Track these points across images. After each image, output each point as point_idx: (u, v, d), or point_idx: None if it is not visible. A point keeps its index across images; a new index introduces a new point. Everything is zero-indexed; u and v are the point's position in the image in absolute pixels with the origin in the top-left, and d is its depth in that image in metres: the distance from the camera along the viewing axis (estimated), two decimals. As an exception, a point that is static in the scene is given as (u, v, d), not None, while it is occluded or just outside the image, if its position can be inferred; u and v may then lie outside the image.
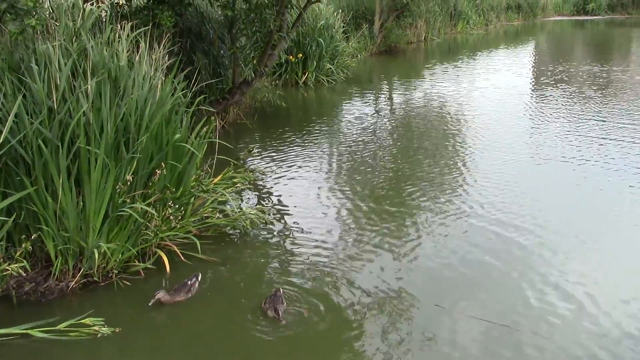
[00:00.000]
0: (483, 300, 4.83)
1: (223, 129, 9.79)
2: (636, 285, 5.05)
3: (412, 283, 5.09)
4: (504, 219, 6.39)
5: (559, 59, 21.21)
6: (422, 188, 7.37)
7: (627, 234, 6.09)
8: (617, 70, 18.27)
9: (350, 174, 8.11)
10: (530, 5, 38.98)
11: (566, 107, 12.31)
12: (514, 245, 5.78)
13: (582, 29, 36.22)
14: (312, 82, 14.39)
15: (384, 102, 13.78)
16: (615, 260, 5.50)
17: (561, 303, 4.73)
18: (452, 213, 6.57)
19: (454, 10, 28.82)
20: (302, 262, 5.48)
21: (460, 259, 5.55)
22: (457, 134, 10.20)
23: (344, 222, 6.40)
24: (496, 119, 11.17)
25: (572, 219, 6.46)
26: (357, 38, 19.23)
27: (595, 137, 9.59)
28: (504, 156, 8.72)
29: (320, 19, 14.60)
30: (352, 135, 10.10)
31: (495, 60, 21.13)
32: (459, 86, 15.03)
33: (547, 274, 5.20)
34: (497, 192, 7.20)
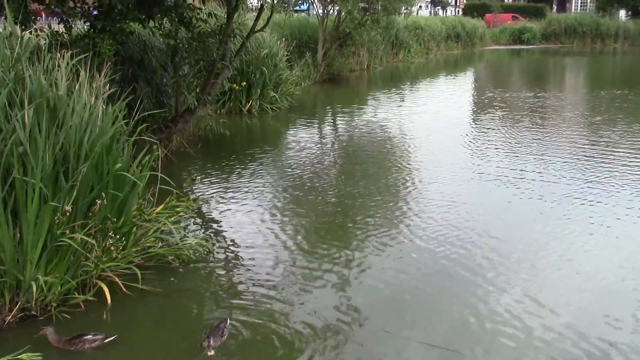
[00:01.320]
0: (428, 324, 4.89)
1: (166, 157, 9.69)
2: (575, 301, 5.19)
3: (359, 310, 5.10)
4: (448, 241, 6.50)
5: (497, 86, 21.90)
6: (367, 214, 7.44)
7: (565, 251, 6.27)
8: (551, 96, 18.97)
9: (295, 201, 8.13)
10: (469, 35, 40.15)
11: (504, 131, 12.78)
12: (458, 267, 5.88)
13: (519, 57, 37.53)
14: (256, 110, 14.41)
15: (328, 129, 13.92)
16: (555, 278, 5.65)
17: (505, 324, 4.82)
18: (396, 237, 6.65)
19: (396, 39, 29.45)
20: (247, 291, 5.44)
21: (405, 283, 5.60)
22: (400, 160, 10.37)
23: (289, 251, 6.39)
24: (438, 143, 11.44)
25: (515, 239, 6.62)
26: (300, 66, 19.41)
27: (533, 157, 9.92)
28: (447, 180, 8.91)
29: (263, 48, 14.69)
30: (297, 163, 10.14)
31: (436, 87, 21.69)
32: (402, 113, 15.34)
33: (490, 294, 5.30)
34: (441, 214, 7.34)
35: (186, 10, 9.12)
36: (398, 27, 28.55)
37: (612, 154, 10.50)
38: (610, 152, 10.64)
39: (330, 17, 22.02)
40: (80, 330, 4.54)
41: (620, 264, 5.99)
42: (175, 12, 8.98)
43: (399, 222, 7.18)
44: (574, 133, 12.74)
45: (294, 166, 9.89)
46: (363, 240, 6.61)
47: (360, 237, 6.72)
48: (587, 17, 48.04)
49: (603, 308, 5.11)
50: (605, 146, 11.11)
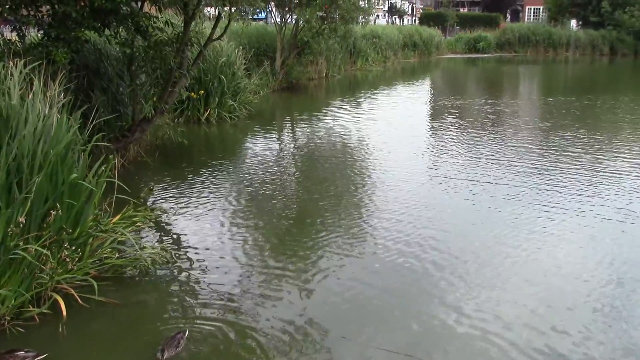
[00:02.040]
0: (387, 330, 4.93)
1: (123, 167, 9.60)
2: (533, 308, 5.31)
3: (319, 317, 5.12)
4: (405, 248, 6.58)
5: (454, 94, 22.28)
6: (326, 223, 7.47)
7: (523, 255, 6.40)
8: (505, 103, 19.38)
9: (255, 209, 8.11)
10: (426, 44, 40.68)
11: (459, 137, 13.02)
12: (416, 273, 5.96)
13: (474, 66, 38.17)
14: (215, 119, 14.35)
15: (287, 137, 13.94)
16: (513, 282, 5.77)
17: (461, 329, 4.90)
18: (354, 245, 6.71)
19: (354, 48, 29.67)
20: (206, 301, 5.41)
21: (364, 290, 5.64)
22: (358, 167, 10.46)
23: (249, 259, 6.37)
24: (395, 150, 11.57)
25: (472, 244, 6.73)
26: (259, 75, 19.40)
27: (486, 162, 10.11)
28: (406, 186, 9.03)
29: (221, 56, 14.65)
30: (256, 171, 10.12)
31: (394, 95, 21.93)
32: (360, 120, 15.48)
33: (447, 301, 5.38)
34: (398, 221, 7.42)
35: (142, 18, 9.05)
36: (356, 35, 28.77)
37: (560, 159, 10.76)
38: (559, 157, 10.91)
39: (288, 26, 22.10)
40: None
41: (569, 269, 6.15)
42: (131, 20, 8.91)
43: (357, 229, 7.24)
44: (524, 138, 13.04)
45: (253, 174, 9.87)
46: (322, 248, 6.63)
47: (320, 244, 6.75)
48: (539, 27, 49.18)
49: (552, 312, 5.24)
50: (554, 152, 11.38)
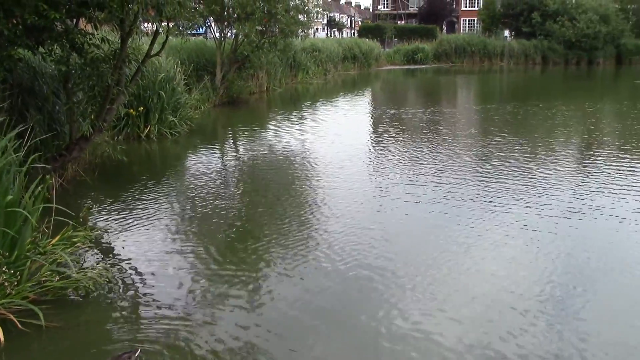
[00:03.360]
0: (335, 342, 4.97)
1: (61, 186, 9.38)
2: (479, 322, 5.44)
3: (267, 331, 5.12)
4: (352, 261, 6.63)
5: (394, 105, 22.65)
6: (271, 237, 7.47)
7: (470, 269, 6.54)
8: (444, 111, 19.83)
9: (197, 227, 8.05)
10: (365, 56, 41.27)
11: (402, 147, 13.27)
12: (362, 286, 6.01)
13: (413, 77, 38.92)
14: (155, 135, 14.18)
15: (230, 153, 13.90)
16: (451, 291, 5.89)
17: (411, 339, 4.98)
18: (301, 259, 6.72)
19: (294, 62, 29.84)
20: (152, 320, 5.33)
21: (311, 303, 5.67)
22: (302, 181, 10.52)
23: (193, 276, 6.32)
24: (338, 163, 11.66)
25: (419, 259, 6.80)
26: (199, 90, 19.30)
27: (433, 176, 10.30)
28: (350, 199, 9.09)
29: (160, 72, 14.51)
30: (198, 188, 10.05)
31: (335, 107, 22.15)
32: (303, 133, 15.57)
33: (395, 312, 5.46)
34: (344, 234, 7.48)
35: (77, 35, 8.90)
36: (296, 49, 28.99)
37: (498, 166, 11.08)
38: (497, 164, 11.24)
39: (228, 41, 22.07)
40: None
41: (508, 276, 6.33)
42: (66, 37, 8.75)
43: (304, 243, 7.25)
44: (463, 147, 13.38)
45: (195, 191, 9.79)
46: (268, 264, 6.64)
47: (265, 260, 6.75)
48: (474, 38, 50.67)
49: (496, 319, 5.38)
50: (493, 159, 11.72)
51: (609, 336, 5.02)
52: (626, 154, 12.36)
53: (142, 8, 8.28)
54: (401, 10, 75.09)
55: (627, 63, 47.62)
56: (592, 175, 10.48)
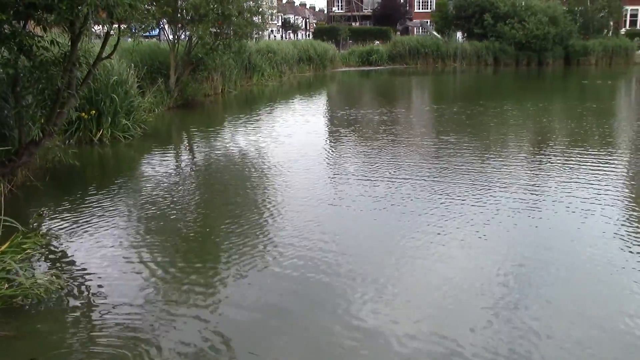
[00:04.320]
0: (293, 345, 4.98)
1: (11, 192, 9.17)
2: (429, 320, 5.52)
3: (225, 336, 5.10)
4: (308, 264, 6.63)
5: (350, 106, 22.78)
6: (228, 241, 7.43)
7: (422, 270, 6.63)
8: (400, 112, 20.04)
9: (153, 232, 7.95)
10: (320, 58, 41.37)
11: (359, 148, 13.36)
12: (318, 289, 6.03)
13: (368, 78, 39.20)
14: (108, 139, 13.97)
15: (185, 156, 13.78)
16: (405, 292, 5.96)
17: (365, 341, 5.02)
18: (258, 263, 6.69)
19: (249, 64, 29.74)
20: (106, 327, 5.25)
21: (269, 307, 5.65)
22: (259, 182, 10.50)
23: (148, 282, 6.24)
24: (295, 165, 11.67)
25: (375, 257, 6.86)
26: (153, 92, 19.07)
27: (387, 175, 10.39)
28: (306, 199, 9.13)
29: (113, 75, 14.31)
30: (153, 192, 9.93)
31: (292, 109, 22.17)
32: (259, 135, 15.53)
33: (350, 314, 5.48)
34: (300, 237, 7.47)
35: (25, 37, 8.71)
36: (250, 51, 28.89)
37: (453, 165, 11.25)
38: (451, 163, 11.41)
39: (181, 43, 21.88)
40: None
41: (460, 276, 6.44)
42: (14, 40, 8.56)
43: (260, 245, 7.24)
44: (418, 146, 13.55)
45: (149, 195, 9.68)
46: (224, 266, 6.61)
47: (221, 262, 6.72)
48: (428, 39, 51.26)
49: (449, 320, 5.47)
50: (448, 158, 11.89)
51: (561, 329, 5.15)
52: (575, 148, 12.67)
53: (92, 10, 8.13)
54: (355, 12, 75.55)
55: (575, 64, 48.81)
56: (541, 170, 10.75)
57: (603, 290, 5.94)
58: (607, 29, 55.30)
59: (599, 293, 5.87)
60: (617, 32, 56.31)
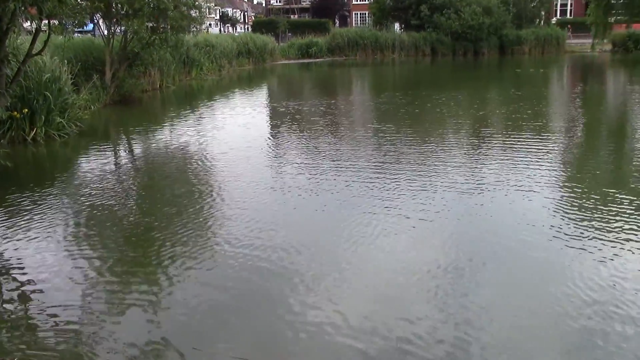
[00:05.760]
0: (240, 339, 4.96)
1: (-61, 196, 8.82)
2: (379, 310, 5.58)
3: (169, 332, 5.05)
4: (253, 257, 6.61)
5: (291, 98, 22.80)
6: (171, 239, 7.31)
7: (368, 257, 6.69)
8: (341, 103, 20.16)
9: (92, 232, 7.76)
10: (260, 51, 41.17)
11: (301, 140, 13.38)
12: (263, 282, 6.01)
13: (308, 70, 39.25)
14: (42, 138, 13.57)
15: (124, 153, 13.51)
16: (360, 284, 6.01)
17: (313, 333, 5.04)
18: (203, 259, 6.62)
19: (187, 58, 29.34)
20: (44, 333, 5.12)
21: (215, 302, 5.62)
22: (201, 179, 10.39)
23: (88, 285, 6.09)
24: (238, 160, 11.60)
25: (320, 249, 6.86)
26: (88, 89, 18.61)
27: (329, 164, 10.45)
28: (251, 192, 9.11)
29: (45, 72, 13.89)
30: (90, 191, 9.69)
31: (232, 103, 22.03)
32: (199, 130, 15.37)
33: (297, 306, 5.49)
34: (245, 231, 7.44)
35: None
36: (188, 45, 28.50)
37: (393, 154, 11.39)
38: (392, 152, 11.54)
39: (117, 38, 21.40)
40: None
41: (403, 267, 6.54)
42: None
43: (205, 244, 7.15)
44: (360, 136, 13.66)
45: (87, 195, 9.44)
46: (168, 265, 6.50)
47: (166, 261, 6.61)
48: (366, 31, 51.66)
49: (392, 308, 5.55)
50: (388, 148, 12.03)
51: (501, 316, 5.29)
52: (510, 133, 13.00)
53: (20, 6, 7.89)
54: (294, 5, 75.44)
55: (510, 53, 49.97)
56: (479, 155, 11.00)
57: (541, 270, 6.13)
58: (539, 18, 56.85)
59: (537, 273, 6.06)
60: (548, 21, 57.95)
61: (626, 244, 6.70)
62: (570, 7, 63.90)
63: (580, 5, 59.15)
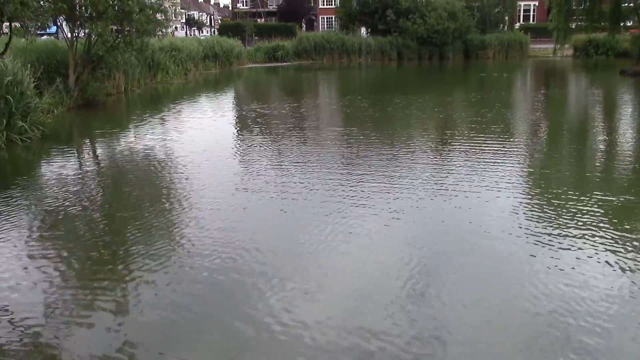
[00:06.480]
0: (204, 342, 4.96)
1: None
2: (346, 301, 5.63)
3: (134, 336, 5.03)
4: (219, 260, 6.62)
5: (258, 102, 22.73)
6: (137, 242, 7.27)
7: (331, 258, 6.73)
8: (307, 106, 20.21)
9: (55, 237, 7.66)
10: (226, 54, 40.98)
11: (266, 142, 13.42)
12: (229, 284, 6.03)
13: (275, 74, 39.22)
14: (4, 142, 13.33)
15: (88, 157, 13.36)
16: (326, 285, 6.05)
17: (277, 333, 5.07)
18: (168, 262, 6.60)
19: (152, 61, 29.07)
20: (7, 335, 5.06)
21: (180, 305, 5.61)
22: (167, 183, 10.35)
23: (53, 290, 6.03)
24: (203, 160, 11.64)
25: (283, 251, 6.90)
26: (51, 93, 18.34)
27: (296, 165, 10.48)
28: (215, 194, 9.11)
29: (6, 75, 13.68)
30: (53, 196, 9.55)
31: (199, 106, 21.93)
32: (165, 133, 15.28)
33: (260, 308, 5.52)
34: (212, 233, 7.43)
35: None
36: (154, 48, 28.27)
37: (359, 155, 11.48)
38: (359, 155, 11.63)
39: (80, 41, 21.12)
40: None
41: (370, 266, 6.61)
42: None
43: (171, 247, 7.13)
44: (326, 139, 13.73)
45: (50, 200, 9.30)
46: (131, 269, 6.47)
47: (128, 267, 6.56)
48: (333, 35, 51.78)
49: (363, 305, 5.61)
50: (353, 150, 12.12)
51: (463, 311, 5.39)
52: (474, 135, 13.19)
53: (-20, 8, 7.77)
54: (260, 9, 75.30)
55: (474, 57, 50.55)
56: (445, 155, 11.16)
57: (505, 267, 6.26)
58: (502, 23, 57.66)
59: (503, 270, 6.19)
60: (512, 26, 58.79)
61: (582, 242, 6.88)
62: (534, 13, 64.90)
63: (543, 11, 60.12)
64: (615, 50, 46.13)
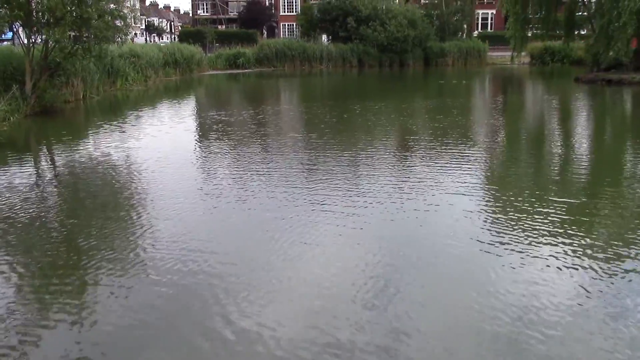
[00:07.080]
0: (168, 352, 4.95)
1: None
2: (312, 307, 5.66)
3: (97, 343, 5.01)
4: (182, 268, 6.59)
5: (219, 109, 22.72)
6: (97, 251, 7.20)
7: (294, 264, 6.77)
8: (267, 113, 20.21)
9: (14, 249, 7.56)
10: (187, 61, 40.74)
11: (226, 149, 13.42)
12: (192, 294, 6.01)
13: (236, 81, 39.19)
14: (-42, 151, 13.09)
15: (46, 166, 13.15)
16: (292, 290, 6.09)
17: (244, 344, 5.10)
18: (130, 270, 6.56)
19: (111, 68, 28.76)
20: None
21: (142, 315, 5.58)
22: (128, 192, 10.25)
23: (12, 296, 5.97)
24: (163, 168, 11.60)
25: (247, 260, 6.88)
26: (7, 100, 18.03)
27: (255, 171, 10.49)
28: (177, 202, 9.09)
29: (-40, 82, 13.43)
30: (10, 206, 9.39)
31: (159, 114, 21.78)
32: (124, 141, 15.13)
33: (227, 316, 5.53)
34: (173, 242, 7.41)
35: None
36: (113, 55, 27.97)
37: (322, 162, 11.56)
38: (322, 162, 11.71)
39: (37, 47, 20.79)
40: None
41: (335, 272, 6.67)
42: None
43: (132, 255, 7.07)
44: (288, 145, 13.78)
45: (6, 211, 9.14)
46: (95, 279, 6.40)
47: (92, 276, 6.49)
48: (294, 42, 51.90)
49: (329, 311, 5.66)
50: (314, 157, 12.19)
51: (426, 319, 5.48)
52: (433, 141, 13.40)
53: None
54: (221, 15, 75.07)
55: (434, 65, 51.22)
56: (406, 161, 11.32)
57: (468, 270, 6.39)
58: (461, 31, 58.57)
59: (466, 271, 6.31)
60: (470, 34, 59.75)
61: (543, 247, 7.07)
62: (491, 21, 66.07)
63: (500, 20, 61.22)
64: (570, 58, 47.17)
